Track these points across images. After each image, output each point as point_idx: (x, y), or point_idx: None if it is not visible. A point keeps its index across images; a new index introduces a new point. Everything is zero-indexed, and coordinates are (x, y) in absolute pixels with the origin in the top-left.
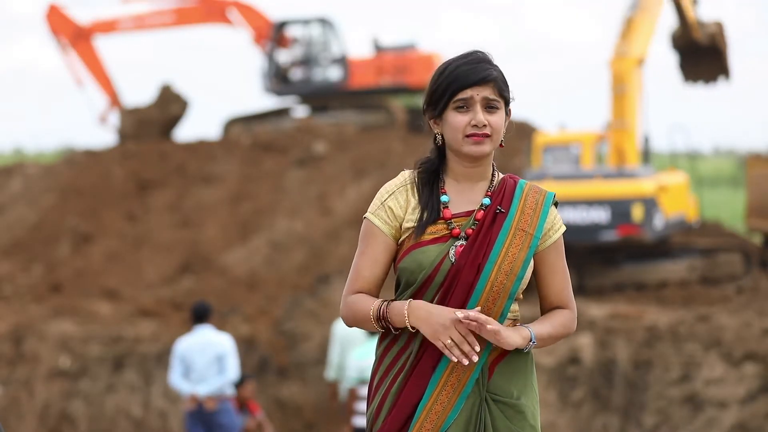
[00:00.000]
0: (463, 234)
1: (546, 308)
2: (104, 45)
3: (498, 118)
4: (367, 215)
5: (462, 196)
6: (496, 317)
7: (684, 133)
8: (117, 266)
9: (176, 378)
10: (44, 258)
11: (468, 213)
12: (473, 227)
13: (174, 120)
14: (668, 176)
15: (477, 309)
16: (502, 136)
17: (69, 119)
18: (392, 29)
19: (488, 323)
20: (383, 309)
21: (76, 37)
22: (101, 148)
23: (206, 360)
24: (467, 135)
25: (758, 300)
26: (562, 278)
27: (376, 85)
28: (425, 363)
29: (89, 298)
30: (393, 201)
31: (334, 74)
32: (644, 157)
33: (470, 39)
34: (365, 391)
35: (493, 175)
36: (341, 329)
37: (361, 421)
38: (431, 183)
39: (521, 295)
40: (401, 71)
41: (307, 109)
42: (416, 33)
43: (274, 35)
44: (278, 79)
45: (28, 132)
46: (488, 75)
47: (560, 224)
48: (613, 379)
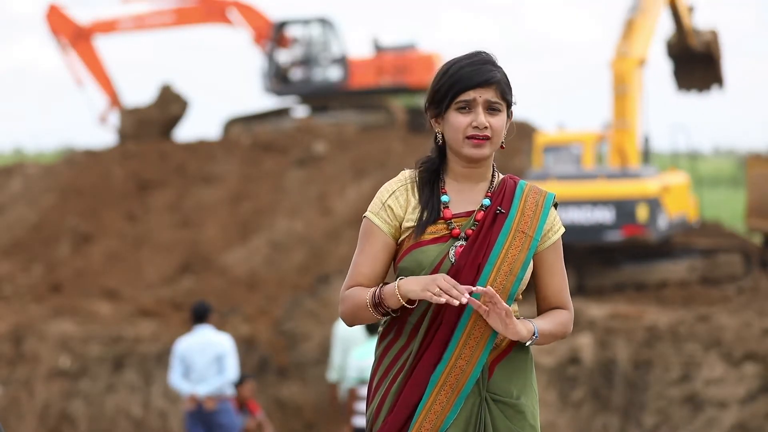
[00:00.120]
0: (463, 234)
1: (544, 308)
2: (104, 45)
3: (499, 121)
4: (367, 214)
5: (462, 197)
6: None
7: (685, 133)
8: (117, 266)
9: (176, 378)
10: (44, 258)
11: (468, 213)
12: (473, 228)
13: (174, 120)
14: (670, 176)
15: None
16: (503, 139)
17: (69, 119)
18: (392, 29)
19: (502, 306)
20: (377, 293)
21: (76, 37)
22: (101, 148)
23: (206, 360)
24: (468, 136)
25: (758, 300)
26: (561, 279)
27: (376, 85)
28: (425, 363)
29: (89, 298)
30: (393, 200)
31: (334, 74)
32: (644, 157)
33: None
34: (365, 391)
35: (494, 176)
36: (342, 330)
37: (361, 421)
38: (432, 183)
39: (521, 296)
40: (401, 71)
41: (307, 109)
42: (416, 33)
43: (274, 35)
44: (278, 79)
45: (28, 132)
46: (491, 77)
47: (559, 225)
48: (613, 379)
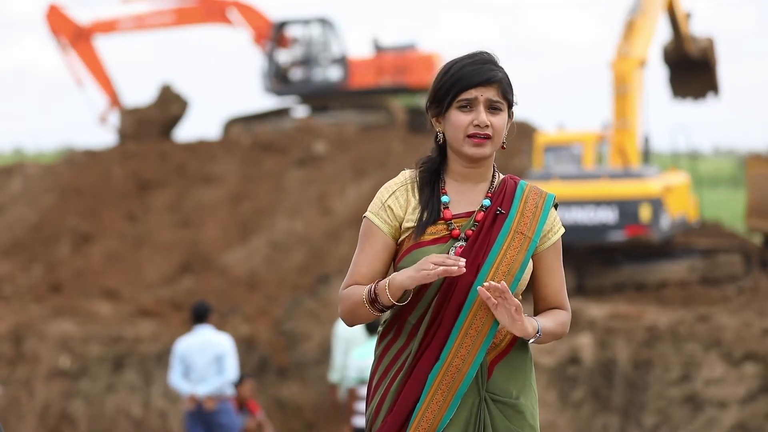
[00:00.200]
0: (463, 235)
1: (542, 308)
2: (104, 45)
3: (500, 120)
4: (367, 214)
5: (462, 197)
6: (492, 319)
7: (685, 134)
8: (117, 266)
9: (176, 378)
10: (44, 258)
11: (468, 214)
12: (473, 228)
13: (174, 120)
14: (672, 176)
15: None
16: (504, 138)
17: (69, 119)
18: (392, 29)
19: (513, 301)
20: (373, 289)
21: (76, 37)
22: (101, 148)
23: (206, 360)
24: (468, 135)
25: (758, 300)
26: (559, 279)
27: (376, 85)
28: (424, 362)
29: (89, 298)
30: (393, 200)
31: (334, 74)
32: (644, 158)
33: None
34: (365, 391)
35: (494, 176)
36: (343, 330)
37: (361, 421)
38: (432, 183)
39: (520, 296)
40: (401, 71)
41: (307, 109)
42: (416, 33)
43: (274, 35)
44: (278, 79)
45: (28, 132)
46: (493, 76)
47: (559, 226)
48: (613, 379)
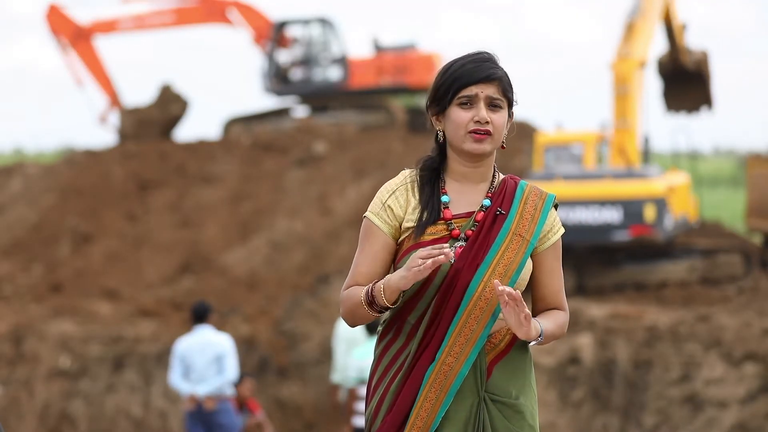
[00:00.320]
0: (463, 235)
1: (540, 308)
2: (104, 45)
3: (500, 118)
4: (367, 214)
5: (463, 197)
6: (487, 318)
7: (685, 134)
8: (117, 266)
9: (176, 378)
10: (44, 258)
11: (468, 214)
12: (473, 228)
13: (174, 120)
14: (673, 176)
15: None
16: (504, 137)
17: (69, 119)
18: (392, 29)
19: (523, 306)
20: (370, 290)
21: (76, 37)
22: (101, 148)
23: (206, 360)
24: (469, 131)
25: (758, 300)
26: (558, 280)
27: (376, 85)
28: (423, 362)
29: (89, 298)
30: (393, 200)
31: (334, 74)
32: (644, 158)
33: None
34: (365, 391)
35: (494, 176)
36: (344, 330)
37: (361, 421)
38: (432, 182)
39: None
40: (401, 71)
41: (307, 109)
42: (416, 33)
43: (274, 35)
44: (278, 79)
45: (28, 132)
46: (493, 73)
47: (559, 226)
48: (613, 379)
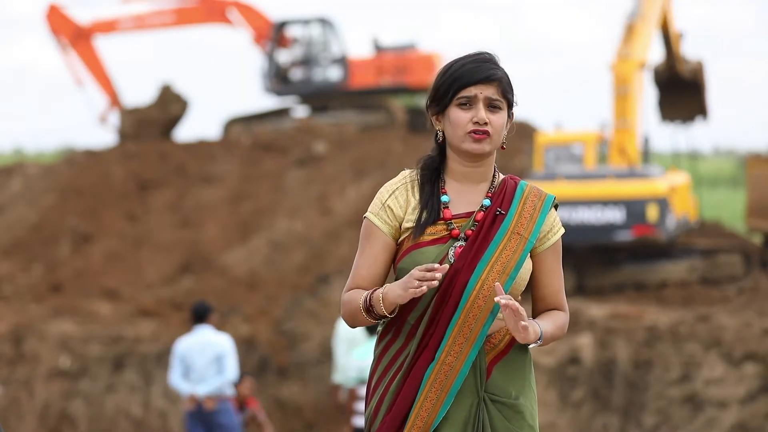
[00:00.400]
0: (463, 235)
1: (541, 309)
2: (104, 45)
3: (500, 119)
4: (367, 215)
5: (462, 197)
6: (485, 316)
7: (686, 134)
8: (117, 266)
9: (176, 378)
10: (44, 258)
11: (468, 214)
12: (473, 228)
13: (174, 120)
14: (674, 176)
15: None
16: (504, 138)
17: (69, 119)
18: (392, 29)
19: (522, 316)
20: (368, 299)
21: (76, 37)
22: (101, 148)
23: (206, 360)
24: (468, 131)
25: (758, 300)
26: (558, 280)
27: (376, 85)
28: (422, 362)
29: (89, 298)
30: (393, 201)
31: (334, 74)
32: (644, 157)
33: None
34: (365, 391)
35: (495, 177)
36: (345, 330)
37: (361, 421)
38: (432, 182)
39: (519, 297)
40: (401, 71)
41: (307, 109)
42: (416, 33)
43: (274, 35)
44: (278, 79)
45: (28, 132)
46: (493, 74)
47: (559, 227)
48: (613, 379)
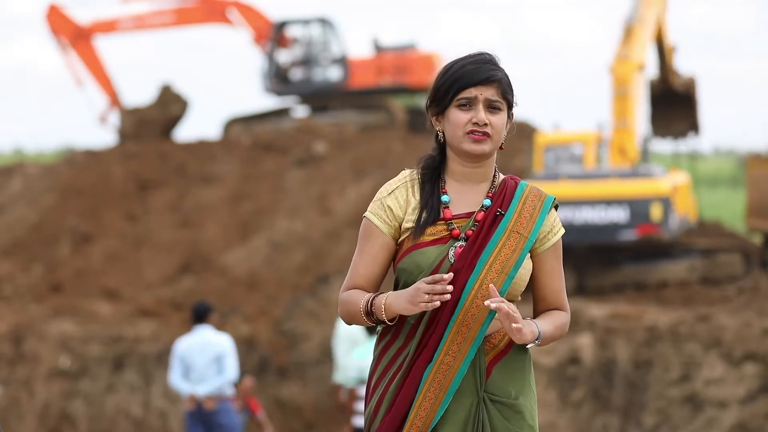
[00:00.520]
0: (463, 235)
1: (541, 309)
2: (104, 45)
3: (499, 120)
4: (367, 214)
5: (463, 197)
6: (484, 315)
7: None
8: (117, 266)
9: (176, 378)
10: (44, 258)
11: (468, 214)
12: (473, 228)
13: (174, 120)
14: (676, 176)
15: (500, 300)
16: (503, 138)
17: (69, 119)
18: (392, 29)
19: (514, 319)
20: (370, 304)
21: (76, 37)
22: (101, 148)
23: (206, 360)
24: (467, 132)
25: (758, 300)
26: (559, 280)
27: (376, 85)
28: (421, 362)
29: (89, 298)
30: (393, 200)
31: (334, 74)
32: (643, 158)
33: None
34: (365, 391)
35: (495, 177)
36: (345, 330)
37: (361, 421)
38: (432, 182)
39: (519, 297)
40: (401, 71)
41: (307, 109)
42: (416, 33)
43: (274, 35)
44: (278, 79)
45: (28, 132)
46: (493, 75)
47: (559, 227)
48: (613, 379)
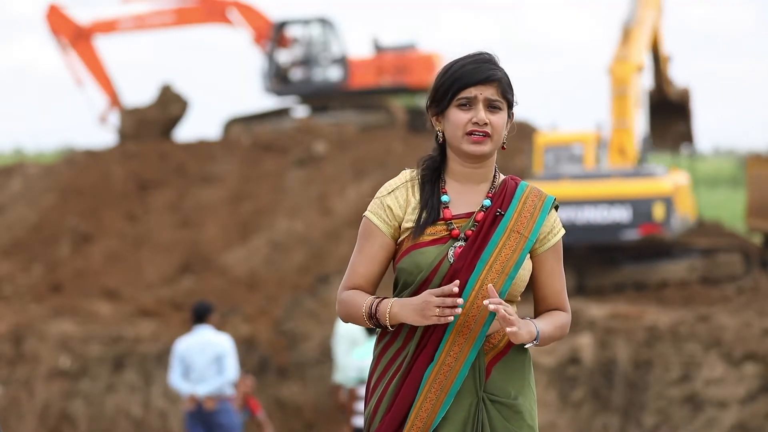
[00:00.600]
0: (463, 235)
1: (542, 309)
2: (104, 45)
3: (499, 119)
4: (367, 214)
5: (463, 197)
6: (485, 316)
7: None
8: (117, 266)
9: (176, 378)
10: (44, 258)
11: (468, 214)
12: (473, 228)
13: (174, 120)
14: (677, 176)
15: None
16: (504, 138)
17: (69, 119)
18: (392, 29)
19: (510, 323)
20: (374, 308)
21: (76, 37)
22: (101, 148)
23: (205, 360)
24: (467, 132)
25: (758, 300)
26: (560, 281)
27: (376, 85)
28: (420, 363)
29: (89, 298)
30: (392, 200)
31: (334, 74)
32: (642, 158)
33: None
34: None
35: (495, 177)
36: (345, 329)
37: (361, 421)
38: (432, 182)
39: (519, 297)
40: (401, 71)
41: (307, 109)
42: (416, 33)
43: (274, 35)
44: (278, 79)
45: (28, 132)
46: (492, 75)
47: (559, 227)
48: (613, 379)
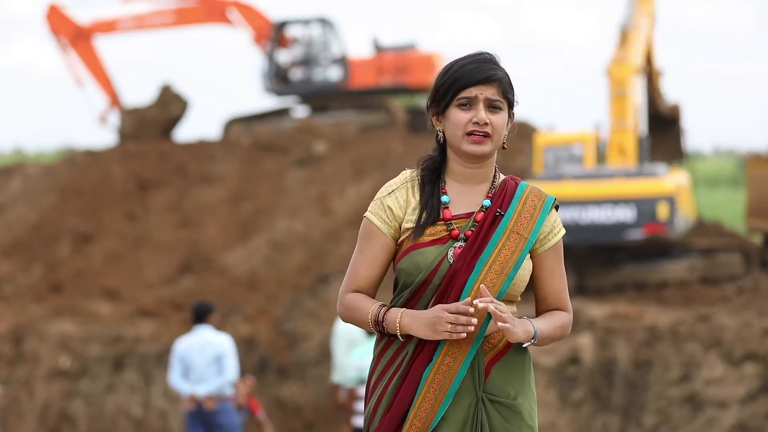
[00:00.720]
0: (463, 235)
1: (543, 309)
2: (104, 45)
3: (500, 119)
4: (367, 214)
5: (463, 197)
6: (484, 315)
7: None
8: (117, 266)
9: (176, 378)
10: (44, 258)
11: (468, 215)
12: (473, 229)
13: (174, 120)
14: (678, 176)
15: (488, 299)
16: (504, 138)
17: (69, 119)
18: (392, 29)
19: (502, 318)
20: (381, 317)
21: (76, 37)
22: (101, 148)
23: (205, 360)
24: (468, 132)
25: (758, 300)
26: (561, 281)
27: (376, 85)
28: (420, 363)
29: (89, 298)
30: (393, 200)
31: (334, 74)
32: (641, 158)
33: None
34: (364, 391)
35: (495, 177)
36: (344, 329)
37: (361, 421)
38: (432, 182)
39: (518, 298)
40: (401, 71)
41: (307, 109)
42: (416, 33)
43: (274, 35)
44: (278, 79)
45: (28, 132)
46: (493, 75)
47: (560, 227)
48: (613, 379)
